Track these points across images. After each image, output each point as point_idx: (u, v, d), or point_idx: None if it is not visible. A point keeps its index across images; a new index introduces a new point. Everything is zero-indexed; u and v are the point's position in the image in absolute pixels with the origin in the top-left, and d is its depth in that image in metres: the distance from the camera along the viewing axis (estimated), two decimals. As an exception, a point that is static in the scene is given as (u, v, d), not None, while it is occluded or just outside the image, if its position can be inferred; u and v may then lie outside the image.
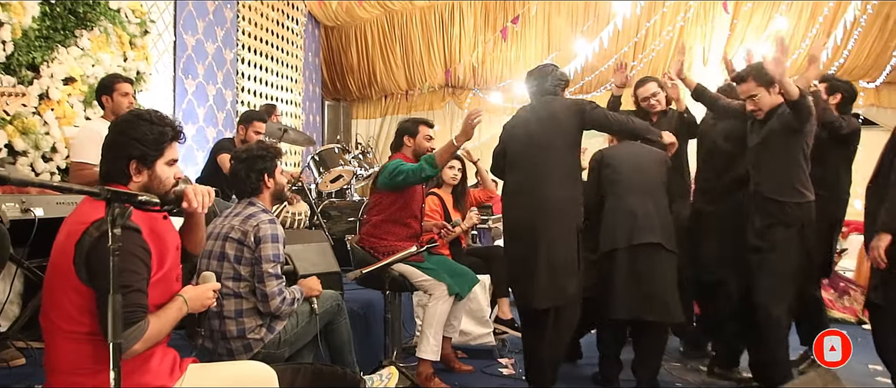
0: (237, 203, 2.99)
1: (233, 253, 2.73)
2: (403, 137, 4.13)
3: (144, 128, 2.06)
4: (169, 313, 2.04)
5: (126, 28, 5.14)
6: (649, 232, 3.75)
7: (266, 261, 2.71)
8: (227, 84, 7.81)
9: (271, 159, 2.98)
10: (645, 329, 3.88)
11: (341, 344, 3.15)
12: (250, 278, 2.73)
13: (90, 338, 1.90)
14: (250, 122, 5.18)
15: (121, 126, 2.07)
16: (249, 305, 2.74)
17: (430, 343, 3.84)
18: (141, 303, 1.91)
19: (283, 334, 2.81)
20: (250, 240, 2.73)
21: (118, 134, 2.05)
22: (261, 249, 2.71)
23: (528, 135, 3.79)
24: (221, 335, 2.71)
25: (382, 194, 4.03)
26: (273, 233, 2.75)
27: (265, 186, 2.96)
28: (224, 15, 7.77)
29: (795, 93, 3.36)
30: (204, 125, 7.17)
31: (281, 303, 2.75)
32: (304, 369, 2.49)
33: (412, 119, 4.24)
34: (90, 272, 1.85)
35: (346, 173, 6.62)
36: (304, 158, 9.48)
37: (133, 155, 2.04)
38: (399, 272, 3.90)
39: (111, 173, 2.04)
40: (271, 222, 2.79)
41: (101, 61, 4.77)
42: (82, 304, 1.89)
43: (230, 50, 7.92)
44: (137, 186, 2.06)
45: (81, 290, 1.88)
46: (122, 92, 4.11)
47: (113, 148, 2.06)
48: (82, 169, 3.91)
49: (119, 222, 1.54)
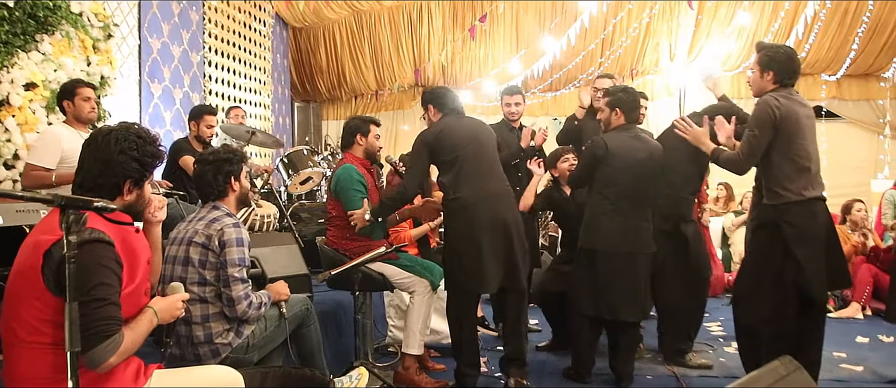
0: (201, 207, 2.94)
1: (197, 257, 2.70)
2: (356, 134, 4.09)
3: (146, 149, 2.08)
4: (140, 325, 2.04)
5: (89, 32, 5.06)
6: (636, 242, 3.86)
7: (231, 265, 2.69)
8: (194, 87, 7.74)
9: (237, 163, 2.93)
10: (623, 328, 3.96)
11: (311, 348, 3.13)
12: (216, 283, 2.71)
13: (51, 348, 1.88)
14: (201, 116, 5.12)
15: (123, 145, 2.05)
16: (216, 309, 2.71)
17: (415, 338, 3.90)
18: (115, 316, 1.90)
19: (252, 338, 2.79)
20: (215, 244, 2.70)
21: (119, 152, 2.04)
22: (226, 253, 2.69)
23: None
24: (189, 341, 2.68)
25: (339, 200, 4.01)
26: (238, 237, 2.73)
27: (231, 189, 2.91)
28: (190, 17, 7.69)
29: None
30: (171, 129, 7.09)
31: (247, 308, 2.73)
32: (272, 372, 2.48)
33: (361, 117, 4.22)
34: (61, 284, 1.82)
35: (316, 175, 6.59)
36: (273, 160, 9.42)
37: (131, 176, 2.06)
38: (379, 272, 3.91)
39: (101, 189, 2.03)
40: (236, 226, 2.77)
41: (64, 66, 4.69)
42: (45, 314, 1.87)
43: (197, 52, 7.85)
44: (122, 204, 2.06)
45: (45, 299, 1.86)
46: (83, 96, 4.06)
47: (112, 165, 2.04)
48: (33, 170, 3.88)
49: (74, 228, 1.52)
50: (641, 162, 3.86)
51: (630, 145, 3.88)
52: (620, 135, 3.94)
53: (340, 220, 3.99)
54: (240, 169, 2.94)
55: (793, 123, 3.42)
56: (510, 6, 10.24)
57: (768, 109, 3.42)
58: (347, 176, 3.94)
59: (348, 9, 10.64)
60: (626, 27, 9.91)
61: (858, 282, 5.99)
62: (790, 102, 3.44)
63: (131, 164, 2.05)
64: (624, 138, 3.91)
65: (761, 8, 9.42)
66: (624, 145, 3.88)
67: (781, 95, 3.46)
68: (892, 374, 4.15)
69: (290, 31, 11.22)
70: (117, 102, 5.56)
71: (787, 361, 2.96)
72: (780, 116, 3.39)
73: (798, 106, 3.47)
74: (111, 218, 1.97)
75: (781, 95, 3.46)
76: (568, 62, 10.02)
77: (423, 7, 10.56)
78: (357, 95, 11.88)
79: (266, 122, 9.74)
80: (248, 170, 3.07)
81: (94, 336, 1.84)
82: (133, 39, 6.44)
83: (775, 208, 3.47)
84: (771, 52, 3.56)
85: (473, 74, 11.02)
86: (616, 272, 3.83)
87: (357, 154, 4.10)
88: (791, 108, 3.42)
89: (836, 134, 9.84)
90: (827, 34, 9.43)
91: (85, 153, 2.08)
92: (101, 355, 1.85)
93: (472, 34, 10.19)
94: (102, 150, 2.04)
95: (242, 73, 9.03)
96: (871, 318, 5.91)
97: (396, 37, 10.82)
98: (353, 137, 4.11)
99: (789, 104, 3.43)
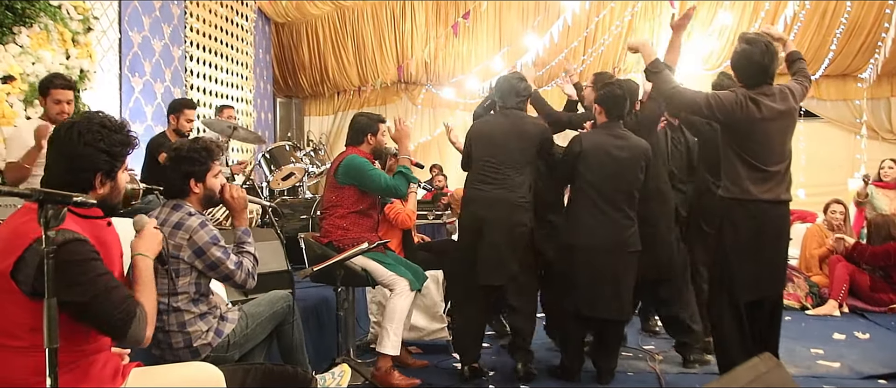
0: (162, 205, 2.77)
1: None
2: (366, 134, 4.11)
3: (112, 138, 2.00)
4: (143, 282, 2.07)
5: (68, 25, 5.01)
6: (616, 239, 3.86)
7: (212, 255, 2.63)
8: (175, 82, 7.66)
9: (202, 164, 2.73)
10: (608, 326, 3.98)
11: (293, 345, 3.10)
12: (188, 288, 2.64)
13: (31, 351, 1.82)
14: (180, 109, 5.10)
15: (87, 137, 1.96)
16: (191, 315, 2.64)
17: (391, 339, 3.86)
18: (127, 295, 1.94)
19: (232, 336, 2.74)
20: (187, 254, 2.61)
21: (85, 145, 1.95)
22: (208, 256, 2.63)
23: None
24: (168, 346, 2.63)
25: (346, 188, 4.00)
26: (210, 238, 2.64)
27: (192, 190, 2.74)
28: (171, 11, 7.62)
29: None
30: (152, 124, 7.02)
31: (246, 276, 2.69)
32: (254, 369, 2.45)
33: (368, 115, 4.23)
34: (41, 291, 1.77)
35: (298, 171, 6.57)
36: (255, 156, 9.37)
37: (101, 168, 1.99)
38: (361, 267, 3.89)
39: (73, 184, 1.92)
40: (202, 225, 2.65)
41: (42, 59, 4.64)
42: (22, 318, 1.82)
43: (178, 47, 7.77)
44: (96, 196, 1.98)
45: (21, 303, 1.81)
46: (54, 98, 4.01)
47: (79, 159, 1.96)
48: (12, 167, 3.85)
49: (53, 223, 1.50)
50: (618, 160, 3.86)
51: (609, 143, 3.89)
52: (599, 133, 3.96)
53: (341, 209, 4.00)
54: (205, 170, 2.74)
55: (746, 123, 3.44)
56: (493, 3, 10.23)
57: (738, 96, 3.43)
58: (361, 161, 3.99)
59: (331, 4, 10.59)
60: (609, 25, 9.96)
61: (835, 280, 6.07)
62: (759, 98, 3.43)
63: (99, 156, 1.97)
64: (602, 137, 3.93)
65: (742, 7, 9.51)
66: (601, 143, 3.90)
67: (755, 93, 3.43)
68: (867, 370, 4.20)
69: (273, 27, 11.15)
70: (97, 97, 5.51)
71: (766, 358, 2.98)
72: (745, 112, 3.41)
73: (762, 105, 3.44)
74: (83, 213, 1.91)
75: (755, 93, 3.43)
76: (551, 59, 10.03)
77: (407, 3, 10.53)
78: (340, 91, 11.82)
79: (248, 117, 9.68)
80: (221, 169, 2.89)
81: (122, 322, 1.89)
82: (113, 33, 6.37)
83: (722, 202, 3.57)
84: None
85: (456, 70, 11.02)
86: (594, 269, 3.85)
87: (365, 151, 4.12)
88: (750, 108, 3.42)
89: (815, 134, 9.98)
90: (806, 35, 9.55)
91: (49, 151, 2.01)
92: (136, 334, 1.92)
93: (455, 31, 10.18)
94: (66, 145, 1.96)
95: (224, 68, 8.96)
96: (848, 315, 5.98)
97: (379, 33, 10.78)
98: (363, 136, 4.11)
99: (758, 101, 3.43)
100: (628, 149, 3.89)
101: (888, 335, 5.23)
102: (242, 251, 2.79)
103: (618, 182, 3.87)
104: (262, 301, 3.02)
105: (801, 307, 6.14)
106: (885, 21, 9.00)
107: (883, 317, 5.83)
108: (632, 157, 3.89)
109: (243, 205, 2.85)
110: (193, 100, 5.41)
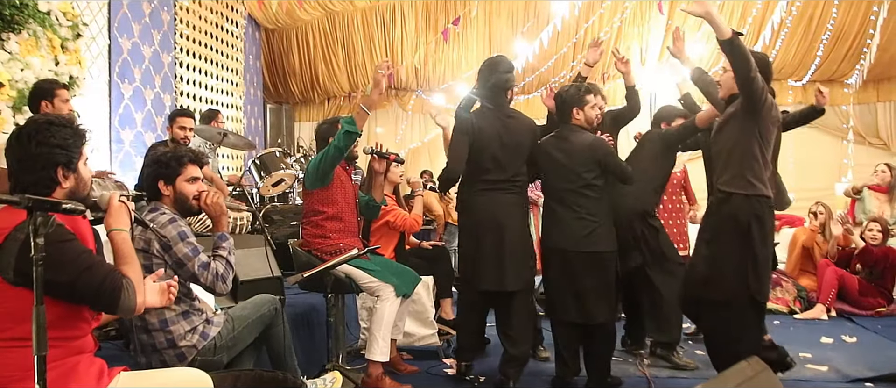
0: (145, 209, 2.83)
1: (141, 263, 2.62)
2: (328, 139, 4.05)
3: (63, 132, 2.03)
4: (123, 254, 2.10)
5: (57, 31, 4.98)
6: (578, 241, 3.81)
7: (179, 250, 2.64)
8: (165, 88, 7.65)
9: (174, 167, 2.81)
10: (597, 330, 3.90)
11: (281, 349, 3.10)
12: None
13: (18, 344, 1.84)
14: (173, 119, 5.17)
15: (37, 137, 2.00)
16: (173, 313, 2.66)
17: (379, 345, 3.83)
18: (110, 267, 1.98)
19: (219, 339, 2.75)
20: (156, 248, 2.65)
21: (37, 145, 1.99)
22: (174, 251, 2.65)
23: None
24: (152, 348, 2.63)
25: (314, 193, 3.99)
26: (177, 233, 2.67)
27: (162, 193, 2.81)
28: (161, 17, 7.61)
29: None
30: (142, 130, 7.01)
31: (213, 278, 2.68)
32: (243, 374, 2.45)
33: (330, 121, 4.20)
34: (23, 275, 1.80)
35: (288, 177, 6.56)
36: (245, 162, 9.35)
37: (59, 161, 2.02)
38: (345, 274, 3.87)
39: (37, 184, 1.99)
40: (171, 221, 2.69)
41: (31, 65, 4.62)
42: (6, 306, 1.84)
43: (168, 53, 7.76)
44: (65, 192, 2.04)
45: (3, 289, 1.84)
46: (62, 98, 4.08)
47: (36, 160, 1.99)
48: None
49: (42, 231, 1.51)
50: (559, 163, 3.87)
51: (555, 146, 3.92)
52: (550, 137, 4.02)
53: (315, 216, 3.98)
54: (175, 174, 2.81)
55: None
56: (483, 9, 10.27)
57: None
58: (318, 157, 3.95)
59: (321, 10, 10.60)
60: (598, 31, 9.99)
61: (824, 284, 6.11)
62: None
63: (54, 150, 2.00)
64: (551, 141, 3.97)
65: (730, 14, 9.58)
66: (547, 146, 3.96)
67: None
68: (855, 373, 4.23)
69: (263, 33, 11.14)
70: (86, 103, 5.49)
71: (753, 361, 3.00)
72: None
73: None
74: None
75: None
76: (541, 65, 10.08)
77: (397, 9, 10.56)
78: (330, 97, 11.83)
79: (238, 123, 9.67)
80: (201, 178, 2.93)
81: (111, 295, 1.93)
82: (103, 39, 6.36)
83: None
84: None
85: (446, 76, 11.05)
86: (579, 273, 3.80)
87: None
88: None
89: (802, 139, 10.00)
90: (793, 40, 9.64)
91: (7, 160, 2.05)
92: (128, 302, 1.96)
93: (444, 37, 10.21)
94: (17, 150, 2.01)
95: (214, 74, 8.95)
96: (836, 319, 6.02)
97: (369, 39, 10.80)
98: (327, 143, 4.05)
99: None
100: (567, 153, 3.88)
101: (875, 339, 5.27)
102: (216, 256, 2.80)
103: (563, 184, 3.87)
104: (248, 305, 3.04)
105: (790, 311, 6.18)
106: (870, 27, 9.07)
107: (870, 320, 5.88)
108: (570, 159, 3.86)
109: (220, 211, 2.87)
110: (189, 109, 5.41)
